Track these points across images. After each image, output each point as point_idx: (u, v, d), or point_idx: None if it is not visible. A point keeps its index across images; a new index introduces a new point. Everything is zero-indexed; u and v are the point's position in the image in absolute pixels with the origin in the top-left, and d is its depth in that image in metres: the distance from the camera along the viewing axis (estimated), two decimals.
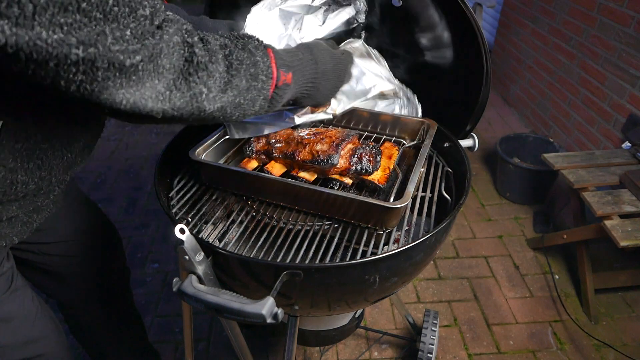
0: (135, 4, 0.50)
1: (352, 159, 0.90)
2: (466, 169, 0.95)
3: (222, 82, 0.61)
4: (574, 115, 2.54)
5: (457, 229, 2.25)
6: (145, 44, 0.50)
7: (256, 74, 0.66)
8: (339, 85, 0.89)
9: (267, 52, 0.68)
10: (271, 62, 0.68)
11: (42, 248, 1.00)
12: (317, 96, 0.83)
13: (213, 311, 0.65)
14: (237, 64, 0.63)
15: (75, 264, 1.08)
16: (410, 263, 0.81)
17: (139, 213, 2.38)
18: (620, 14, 2.12)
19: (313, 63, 0.78)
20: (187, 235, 0.69)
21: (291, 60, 0.73)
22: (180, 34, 0.55)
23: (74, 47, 0.44)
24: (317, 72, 0.79)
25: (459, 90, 1.12)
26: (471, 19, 0.90)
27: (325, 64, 0.81)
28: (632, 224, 1.51)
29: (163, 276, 1.99)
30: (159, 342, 1.69)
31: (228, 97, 0.63)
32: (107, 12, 0.46)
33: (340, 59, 0.86)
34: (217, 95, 0.61)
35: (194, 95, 0.58)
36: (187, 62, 0.56)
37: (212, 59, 0.59)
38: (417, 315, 1.79)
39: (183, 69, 0.56)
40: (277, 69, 0.69)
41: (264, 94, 0.69)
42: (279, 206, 0.92)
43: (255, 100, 0.68)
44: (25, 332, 0.91)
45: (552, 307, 1.84)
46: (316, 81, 0.80)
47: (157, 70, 0.52)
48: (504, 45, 3.36)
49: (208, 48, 0.59)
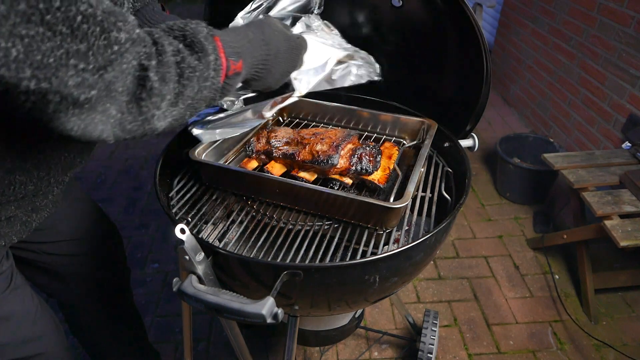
0: (108, 24, 0.47)
1: (352, 159, 0.90)
2: (466, 169, 0.95)
3: (174, 96, 0.58)
4: (574, 115, 2.54)
5: (457, 229, 2.25)
6: (104, 77, 0.48)
7: (207, 76, 0.62)
8: (291, 70, 0.83)
9: (215, 41, 0.64)
10: (220, 52, 0.64)
11: (42, 247, 1.00)
12: (268, 79, 0.78)
13: (213, 311, 0.65)
14: (189, 73, 0.59)
15: (76, 263, 1.08)
16: (410, 263, 0.81)
17: (139, 213, 2.37)
18: (620, 14, 2.12)
19: (264, 44, 0.73)
20: (187, 235, 0.69)
21: (240, 45, 0.68)
22: (137, 57, 0.52)
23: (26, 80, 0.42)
24: (269, 54, 0.74)
25: (459, 90, 1.12)
26: (471, 19, 0.90)
27: (277, 46, 0.75)
28: (632, 224, 1.51)
29: (163, 276, 1.99)
30: (159, 342, 1.68)
31: (179, 110, 0.61)
32: (74, 29, 0.44)
33: (295, 42, 0.81)
34: (167, 110, 0.58)
35: (145, 119, 0.56)
36: (140, 86, 0.53)
37: (166, 78, 0.56)
38: (417, 315, 1.79)
39: (136, 93, 0.53)
40: (227, 59, 0.65)
41: (215, 88, 0.65)
42: (279, 206, 0.92)
43: (206, 97, 0.66)
44: (24, 331, 0.91)
45: (552, 307, 1.84)
46: (267, 64, 0.74)
47: (110, 95, 0.50)
48: (504, 45, 3.36)
49: (163, 63, 0.55)
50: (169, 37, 0.59)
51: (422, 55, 1.16)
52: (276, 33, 0.76)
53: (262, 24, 0.75)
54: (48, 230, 0.98)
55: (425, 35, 1.10)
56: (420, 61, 1.17)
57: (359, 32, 1.19)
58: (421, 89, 1.21)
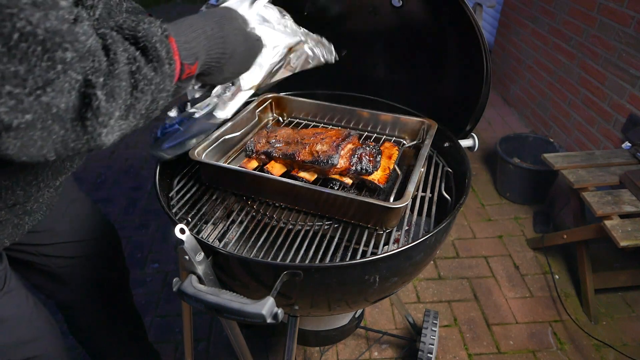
0: (52, 44, 0.42)
1: (352, 159, 0.90)
2: (466, 169, 0.95)
3: (125, 109, 0.53)
4: (574, 115, 2.54)
5: (457, 229, 2.25)
6: (41, 100, 0.43)
7: (164, 87, 0.58)
8: (243, 71, 0.79)
9: (170, 43, 0.58)
10: (174, 56, 0.58)
11: (39, 249, 0.99)
12: (217, 77, 0.74)
13: (213, 311, 0.65)
14: (144, 85, 0.54)
15: (74, 265, 1.07)
16: (410, 263, 0.81)
17: (139, 213, 2.37)
18: (620, 14, 2.12)
19: (221, 42, 0.68)
20: (187, 235, 0.69)
21: (197, 43, 0.63)
22: (83, 72, 0.47)
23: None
24: (225, 53, 0.69)
25: (459, 90, 1.12)
26: (471, 19, 0.90)
27: (235, 46, 0.71)
28: (632, 224, 1.51)
29: (163, 276, 1.99)
30: (159, 342, 1.68)
31: (130, 123, 0.55)
32: (11, 47, 0.39)
33: (253, 44, 0.76)
34: (116, 125, 0.53)
35: (91, 137, 0.51)
36: (85, 104, 0.48)
37: (115, 93, 0.50)
38: (417, 315, 1.79)
39: (81, 111, 0.48)
40: (182, 63, 0.60)
41: (168, 95, 0.60)
42: (279, 206, 0.92)
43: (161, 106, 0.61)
44: (20, 333, 0.90)
45: (552, 307, 1.84)
46: (221, 62, 0.70)
47: (51, 112, 0.45)
48: (504, 45, 3.36)
49: (113, 75, 0.50)
50: (124, 41, 0.53)
51: (422, 55, 1.16)
52: (235, 31, 0.72)
53: (222, 18, 0.70)
54: (45, 232, 0.97)
55: (425, 35, 1.10)
56: (420, 61, 1.17)
57: (359, 32, 1.19)
58: (421, 89, 1.21)
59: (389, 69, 1.24)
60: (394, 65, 1.22)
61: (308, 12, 1.17)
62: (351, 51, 1.23)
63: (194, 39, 0.63)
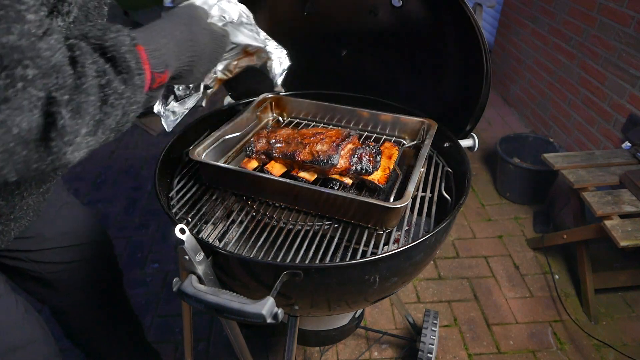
0: (11, 61, 0.40)
1: (352, 159, 0.90)
2: (466, 169, 0.95)
3: (93, 125, 0.50)
4: (574, 115, 2.54)
5: (457, 229, 2.25)
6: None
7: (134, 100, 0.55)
8: (212, 68, 0.79)
9: (139, 52, 0.55)
10: (144, 65, 0.55)
11: (29, 256, 0.99)
12: (188, 78, 0.73)
13: (213, 311, 0.65)
14: (114, 99, 0.51)
15: (64, 270, 1.06)
16: (410, 263, 0.81)
17: (139, 213, 2.37)
18: (620, 14, 2.12)
19: (191, 45, 0.67)
20: (187, 235, 0.69)
21: (167, 50, 0.61)
22: (46, 89, 0.44)
23: None
24: (195, 55, 0.68)
25: (458, 90, 1.12)
26: (471, 19, 0.90)
27: (203, 46, 0.70)
28: (632, 224, 1.51)
29: (163, 276, 1.99)
30: (159, 342, 1.68)
31: (98, 139, 0.52)
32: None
33: (220, 41, 0.75)
34: (83, 142, 0.50)
35: (56, 157, 0.48)
36: (49, 123, 0.45)
37: (82, 110, 0.47)
38: (417, 315, 1.79)
39: (45, 131, 0.45)
40: (152, 72, 0.57)
41: (137, 105, 0.57)
42: (279, 206, 0.92)
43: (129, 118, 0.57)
44: (11, 339, 0.89)
45: (552, 307, 1.84)
46: (192, 64, 0.69)
47: (11, 132, 0.42)
48: (504, 45, 3.36)
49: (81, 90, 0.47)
50: (92, 53, 0.50)
51: (422, 55, 1.16)
52: (204, 31, 0.70)
53: (190, 19, 0.69)
54: (34, 238, 0.97)
55: (425, 35, 1.10)
56: (421, 61, 1.17)
57: (359, 32, 1.19)
58: (421, 89, 1.21)
59: (389, 69, 1.24)
60: (394, 65, 1.22)
61: (308, 12, 1.17)
62: (351, 51, 1.23)
63: (164, 46, 0.60)
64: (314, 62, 1.24)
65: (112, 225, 2.30)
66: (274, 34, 0.92)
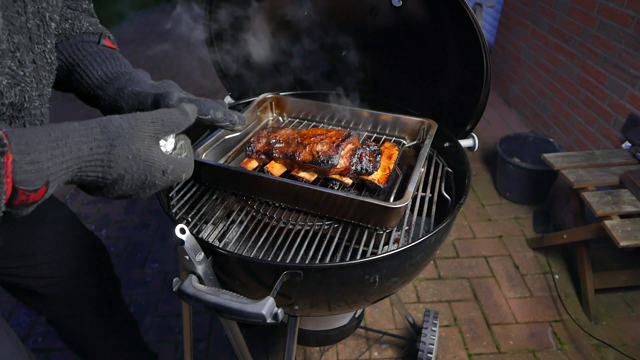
0: None
1: (352, 159, 0.90)
2: (466, 169, 0.95)
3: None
4: (574, 115, 2.54)
5: (457, 229, 2.25)
6: None
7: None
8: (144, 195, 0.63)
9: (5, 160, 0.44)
10: (5, 178, 0.45)
11: (20, 272, 0.99)
12: (112, 194, 0.59)
13: (213, 311, 0.65)
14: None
15: (57, 284, 1.05)
16: (410, 263, 0.81)
17: (139, 213, 2.37)
18: (620, 14, 2.12)
19: (101, 165, 0.53)
20: (187, 235, 0.69)
21: (52, 164, 0.48)
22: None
23: None
24: (107, 178, 0.55)
25: (459, 90, 1.12)
26: (471, 19, 0.90)
27: (125, 171, 0.56)
28: (632, 224, 1.51)
29: (163, 276, 1.99)
30: (159, 342, 1.69)
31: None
32: None
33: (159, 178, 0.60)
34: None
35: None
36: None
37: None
38: (417, 315, 1.79)
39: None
40: (14, 187, 0.46)
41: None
42: (279, 206, 0.92)
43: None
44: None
45: (552, 307, 1.84)
46: (106, 183, 0.56)
47: None
48: (504, 45, 3.36)
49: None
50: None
51: (422, 55, 1.15)
52: (131, 157, 0.56)
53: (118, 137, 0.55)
54: (25, 256, 0.97)
55: (425, 35, 1.10)
56: (421, 61, 1.17)
57: (359, 32, 1.19)
58: (421, 89, 1.21)
59: (388, 69, 1.24)
60: (394, 65, 1.22)
61: (308, 12, 1.17)
62: (351, 51, 1.23)
63: (50, 159, 0.48)
64: (314, 62, 1.24)
65: (112, 225, 2.30)
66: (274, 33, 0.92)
